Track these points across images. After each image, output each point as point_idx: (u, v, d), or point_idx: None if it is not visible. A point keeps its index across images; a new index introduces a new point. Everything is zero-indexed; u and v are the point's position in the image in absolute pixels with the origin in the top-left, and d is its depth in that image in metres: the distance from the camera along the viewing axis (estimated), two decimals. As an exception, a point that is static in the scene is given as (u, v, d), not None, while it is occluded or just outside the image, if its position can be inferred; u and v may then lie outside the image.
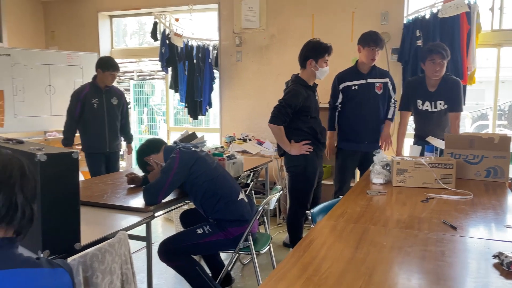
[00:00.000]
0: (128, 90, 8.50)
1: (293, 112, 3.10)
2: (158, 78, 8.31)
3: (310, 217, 2.09)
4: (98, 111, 3.93)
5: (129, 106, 7.76)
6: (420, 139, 3.38)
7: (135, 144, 7.19)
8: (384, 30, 4.29)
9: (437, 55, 3.17)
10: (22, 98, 4.80)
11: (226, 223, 2.49)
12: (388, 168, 2.57)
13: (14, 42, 5.50)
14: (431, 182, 2.43)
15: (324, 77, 3.23)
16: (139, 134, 7.58)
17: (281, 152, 3.29)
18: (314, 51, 3.14)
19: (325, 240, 1.67)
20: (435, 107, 3.32)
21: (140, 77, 8.58)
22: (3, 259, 1.05)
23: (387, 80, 3.56)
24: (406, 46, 4.20)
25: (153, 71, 8.28)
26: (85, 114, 3.91)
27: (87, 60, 5.17)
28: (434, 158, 2.64)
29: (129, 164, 6.41)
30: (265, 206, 2.56)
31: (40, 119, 4.99)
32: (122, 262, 1.79)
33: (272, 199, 2.64)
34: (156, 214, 2.35)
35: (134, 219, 2.20)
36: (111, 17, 5.81)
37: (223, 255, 3.03)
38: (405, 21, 4.26)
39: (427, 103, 3.33)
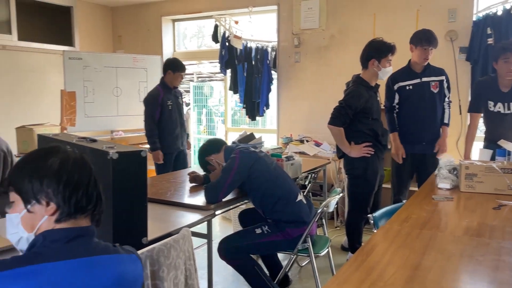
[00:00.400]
0: (188, 91, 8.76)
1: (354, 113, 3.04)
2: (216, 80, 8.48)
3: (372, 221, 2.04)
4: (172, 112, 4.08)
5: (188, 107, 8.00)
6: (491, 142, 3.19)
7: (194, 145, 7.41)
8: (452, 28, 4.09)
9: None
10: (92, 99, 5.08)
11: (285, 224, 2.50)
12: (455, 173, 2.45)
13: (85, 46, 5.86)
14: (503, 188, 2.28)
15: (386, 78, 3.15)
16: (198, 134, 7.78)
17: (340, 154, 3.24)
18: (377, 51, 3.06)
19: (389, 245, 1.63)
20: (509, 109, 3.12)
21: (199, 79, 8.81)
22: (86, 247, 1.13)
23: (443, 78, 3.40)
24: (475, 45, 3.98)
25: (212, 73, 8.46)
26: (163, 116, 4.03)
27: (151, 63, 5.38)
28: (506, 163, 2.48)
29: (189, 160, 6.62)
30: (324, 208, 2.54)
31: (107, 119, 5.25)
32: (186, 258, 1.85)
33: (332, 202, 2.61)
34: (216, 213, 2.41)
35: (195, 216, 2.27)
36: (174, 21, 6.02)
37: (280, 256, 3.04)
38: (474, 18, 4.04)
39: (499, 104, 3.14)
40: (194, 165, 7.09)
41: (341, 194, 2.76)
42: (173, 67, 4.03)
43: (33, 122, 4.73)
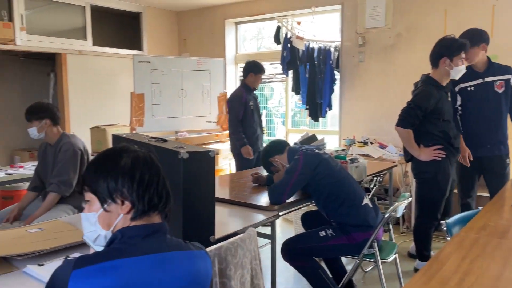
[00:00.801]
0: (248, 92, 8.85)
1: (424, 114, 2.91)
2: (276, 81, 8.49)
3: (445, 228, 1.94)
4: (253, 113, 4.20)
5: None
6: None
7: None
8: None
9: None
10: (159, 101, 5.28)
11: (350, 227, 2.44)
12: (538, 179, 2.27)
13: (152, 50, 6.11)
14: None
15: (459, 77, 2.99)
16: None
17: (408, 157, 3.12)
18: (448, 49, 2.91)
19: (465, 254, 1.53)
20: None
21: (260, 80, 8.87)
22: (161, 243, 1.17)
23: (509, 76, 3.16)
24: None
25: (272, 74, 8.48)
26: (245, 117, 4.16)
27: (214, 65, 5.50)
28: None
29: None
30: (392, 213, 2.45)
31: (172, 120, 5.42)
32: (252, 258, 1.86)
33: (400, 206, 2.51)
34: (280, 214, 2.41)
35: (259, 217, 2.28)
36: (237, 23, 6.12)
37: (344, 260, 2.98)
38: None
39: None
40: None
41: (410, 199, 2.65)
42: (255, 69, 4.17)
43: (105, 122, 5.01)
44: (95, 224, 1.18)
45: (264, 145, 4.32)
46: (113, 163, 1.17)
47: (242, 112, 4.15)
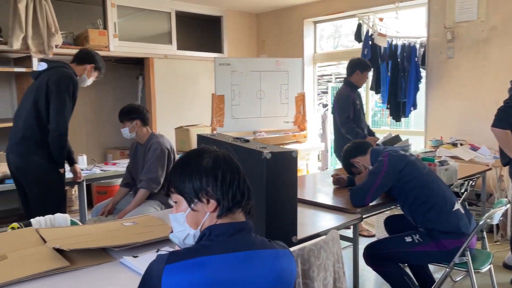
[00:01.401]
0: (325, 92, 8.74)
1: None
2: (356, 80, 8.28)
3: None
4: (360, 112, 4.07)
5: (326, 108, 7.97)
6: None
7: (331, 146, 7.35)
8: None
9: None
10: (238, 102, 5.39)
11: (439, 234, 2.30)
12: None
13: (232, 52, 6.26)
14: None
15: None
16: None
17: (506, 161, 2.87)
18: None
19: None
20: None
21: (337, 79, 8.72)
22: (246, 241, 1.19)
23: None
24: None
25: (351, 73, 8.28)
26: (353, 116, 4.00)
27: (292, 65, 5.49)
28: None
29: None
30: (487, 220, 2.27)
31: (251, 120, 5.51)
32: (335, 260, 1.83)
33: (497, 213, 2.32)
34: (363, 216, 2.34)
35: (341, 219, 2.23)
36: (315, 23, 6.06)
37: (431, 268, 2.81)
38: None
39: None
40: (331, 167, 7.03)
41: (508, 205, 2.43)
42: (362, 67, 4.01)
43: (188, 123, 5.23)
44: (183, 223, 1.23)
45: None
46: (196, 164, 1.21)
47: (351, 112, 3.96)
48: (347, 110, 3.91)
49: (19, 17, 4.12)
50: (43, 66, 2.89)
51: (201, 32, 6.44)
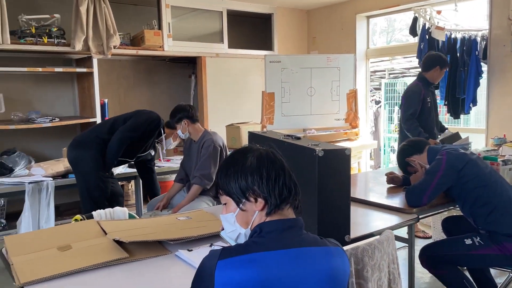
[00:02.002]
0: (378, 89, 8.51)
1: None
2: (410, 76, 8.01)
3: None
4: (430, 110, 3.89)
5: (379, 105, 7.77)
6: None
7: (384, 143, 7.16)
8: None
9: None
10: (288, 99, 5.37)
11: (502, 237, 2.18)
12: None
13: (282, 49, 6.25)
14: None
15: None
16: (388, 133, 7.49)
17: None
18: None
19: None
20: None
21: (391, 75, 8.47)
22: (297, 238, 1.19)
23: None
24: None
25: (406, 69, 8.03)
26: (422, 114, 3.85)
27: (344, 61, 5.39)
28: None
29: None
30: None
31: (301, 118, 5.47)
32: (390, 261, 1.78)
33: None
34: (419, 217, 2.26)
35: (396, 218, 2.17)
36: (368, 17, 5.91)
37: (492, 271, 2.67)
38: None
39: None
40: (384, 165, 6.85)
41: None
42: (442, 63, 3.81)
43: (239, 120, 5.29)
44: (234, 223, 1.25)
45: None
46: (240, 164, 1.23)
47: (418, 109, 3.80)
48: (413, 106, 3.75)
49: (80, 20, 4.35)
50: None
51: (252, 30, 6.48)
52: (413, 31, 4.93)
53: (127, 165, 3.80)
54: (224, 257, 1.11)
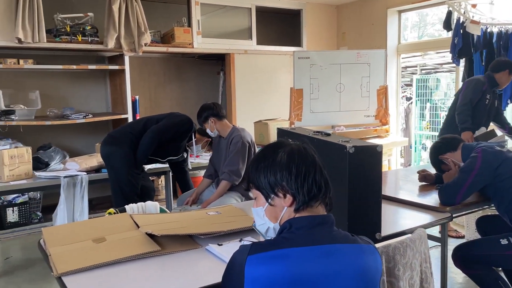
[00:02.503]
0: (409, 85, 8.33)
1: None
2: (443, 71, 7.81)
3: None
4: (485, 106, 3.79)
5: (410, 101, 7.61)
6: None
7: (415, 141, 7.01)
8: None
9: None
10: (317, 96, 5.33)
11: (540, 238, 2.10)
12: None
13: (311, 45, 6.20)
14: None
15: None
16: (420, 130, 7.33)
17: None
18: None
19: None
20: None
21: (423, 71, 8.27)
22: (327, 234, 1.18)
23: None
24: None
25: (439, 64, 7.82)
26: (476, 108, 3.76)
27: (374, 57, 5.31)
28: None
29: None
30: None
31: (330, 114, 5.42)
32: (422, 260, 1.75)
33: None
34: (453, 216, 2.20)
35: (428, 217, 2.13)
36: (400, 12, 5.79)
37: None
38: None
39: None
40: (414, 163, 6.71)
41: None
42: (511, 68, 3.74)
43: (267, 117, 5.29)
44: (263, 217, 1.26)
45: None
46: (271, 159, 1.22)
47: (476, 100, 3.70)
48: (472, 95, 3.68)
49: (113, 18, 4.44)
50: None
51: (280, 26, 6.46)
52: (447, 25, 4.80)
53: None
54: (254, 252, 1.12)
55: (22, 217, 4.43)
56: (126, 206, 2.15)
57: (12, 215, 4.38)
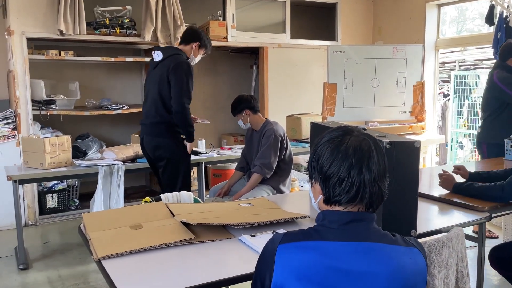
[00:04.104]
0: (446, 81, 8.09)
1: None
2: (483, 68, 7.53)
3: None
4: None
5: (447, 98, 7.39)
6: None
7: (451, 139, 6.80)
8: None
9: None
10: (350, 91, 5.26)
11: None
12: None
13: (346, 39, 6.12)
14: None
15: None
16: (457, 128, 7.11)
17: None
18: None
19: None
20: None
21: (462, 67, 8.01)
22: (362, 232, 1.16)
23: None
24: None
25: (479, 60, 7.56)
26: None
27: (411, 52, 5.18)
28: None
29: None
30: None
31: (363, 110, 5.34)
32: (458, 259, 1.71)
33: None
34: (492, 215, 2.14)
35: (464, 216, 2.08)
36: (439, 6, 5.62)
37: None
38: None
39: None
40: (450, 162, 6.52)
41: None
42: None
43: (299, 111, 5.26)
44: (312, 194, 1.27)
45: None
46: (315, 145, 1.21)
47: None
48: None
49: (150, 11, 4.53)
50: (159, 55, 3.14)
51: (315, 20, 6.40)
52: (489, 19, 4.63)
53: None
54: (286, 241, 1.13)
55: (60, 204, 4.61)
56: (161, 195, 2.20)
57: (51, 201, 4.56)
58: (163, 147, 3.13)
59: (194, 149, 4.02)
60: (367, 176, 1.15)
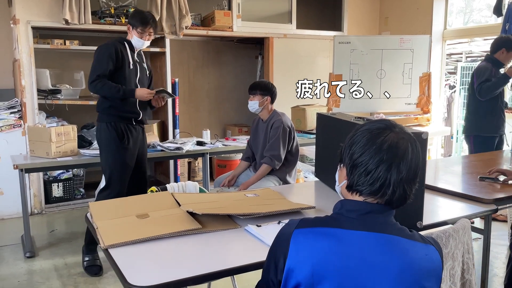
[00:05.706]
0: (452, 73, 8.02)
1: None
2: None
3: None
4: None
5: (453, 89, 7.33)
6: None
7: (456, 131, 6.77)
8: None
9: None
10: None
11: None
12: None
13: (352, 30, 6.07)
14: None
15: None
16: (462, 120, 7.07)
17: None
18: None
19: None
20: None
21: (468, 58, 7.94)
22: (379, 224, 1.16)
23: None
24: None
25: (486, 52, 7.48)
26: None
27: (418, 43, 5.14)
28: None
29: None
30: None
31: (369, 101, 5.30)
32: (464, 251, 1.71)
33: None
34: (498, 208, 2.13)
35: (470, 208, 2.07)
36: (448, -4, 5.57)
37: None
38: None
39: None
40: (455, 154, 6.50)
41: None
42: (508, 45, 3.90)
43: (304, 102, 5.23)
44: (337, 175, 1.28)
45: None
46: (352, 134, 1.21)
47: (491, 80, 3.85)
48: (486, 76, 3.82)
49: (155, 0, 4.50)
50: None
51: (321, 10, 6.34)
52: (497, 10, 4.58)
53: (195, 142, 3.92)
54: (302, 226, 1.15)
55: (66, 193, 4.64)
56: (167, 185, 2.20)
57: (57, 190, 4.59)
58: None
59: (199, 139, 4.03)
60: (394, 175, 1.14)
